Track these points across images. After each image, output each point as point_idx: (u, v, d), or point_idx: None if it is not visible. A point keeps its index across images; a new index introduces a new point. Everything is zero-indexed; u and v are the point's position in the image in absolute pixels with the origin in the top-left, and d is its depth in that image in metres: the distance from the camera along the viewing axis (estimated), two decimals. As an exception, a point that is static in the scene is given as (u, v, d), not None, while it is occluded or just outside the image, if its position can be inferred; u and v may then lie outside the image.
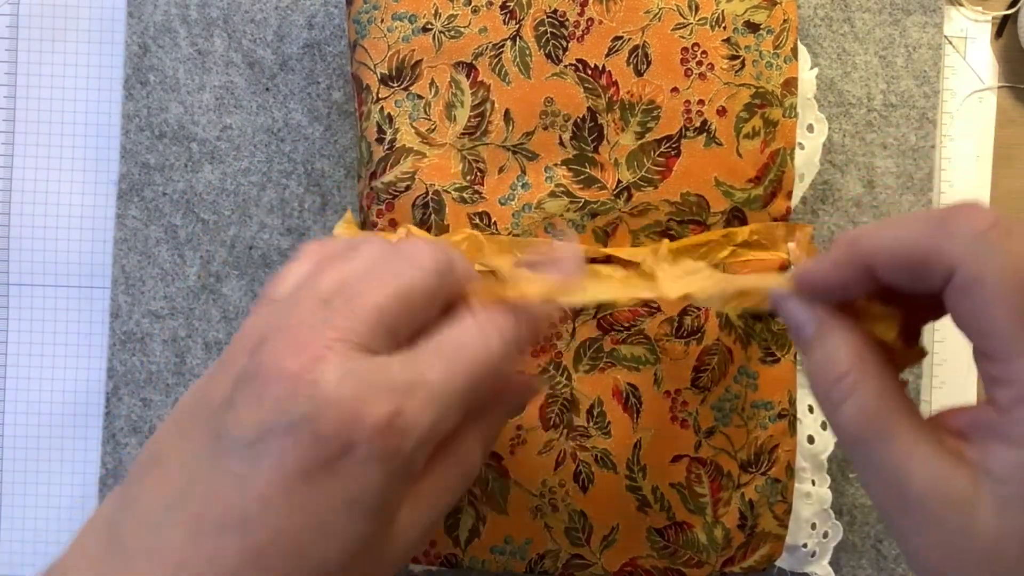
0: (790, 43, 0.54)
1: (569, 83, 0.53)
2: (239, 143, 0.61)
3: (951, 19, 0.62)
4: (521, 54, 0.53)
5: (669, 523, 0.55)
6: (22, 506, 0.63)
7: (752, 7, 0.54)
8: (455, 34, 0.53)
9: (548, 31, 0.53)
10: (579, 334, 0.55)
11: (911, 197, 0.62)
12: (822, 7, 0.61)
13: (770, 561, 0.57)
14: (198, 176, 0.61)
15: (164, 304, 0.61)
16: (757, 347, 0.56)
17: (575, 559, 0.55)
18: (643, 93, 0.53)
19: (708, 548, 0.55)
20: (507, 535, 0.55)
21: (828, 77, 0.61)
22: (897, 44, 0.62)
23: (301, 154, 0.61)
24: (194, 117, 0.61)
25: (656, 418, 0.55)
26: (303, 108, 0.61)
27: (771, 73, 0.54)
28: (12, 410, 0.63)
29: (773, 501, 0.56)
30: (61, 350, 0.63)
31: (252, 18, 0.61)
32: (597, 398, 0.55)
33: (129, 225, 0.61)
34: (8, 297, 0.63)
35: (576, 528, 0.55)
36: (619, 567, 0.55)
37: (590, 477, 0.55)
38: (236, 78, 0.61)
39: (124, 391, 0.62)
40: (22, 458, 0.63)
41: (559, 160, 0.54)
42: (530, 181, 0.54)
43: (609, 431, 0.55)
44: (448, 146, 0.53)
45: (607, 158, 0.54)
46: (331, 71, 0.61)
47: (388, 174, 0.53)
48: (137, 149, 0.61)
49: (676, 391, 0.54)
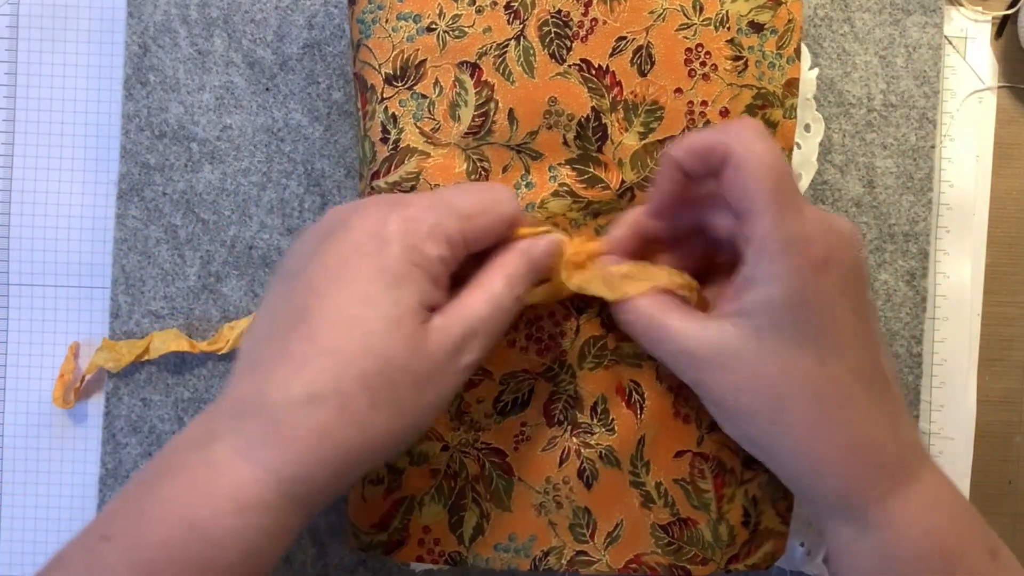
0: (793, 44, 0.55)
1: (573, 83, 0.53)
2: (239, 143, 0.61)
3: (951, 19, 0.63)
4: (525, 54, 0.53)
5: (673, 519, 0.55)
6: (22, 506, 0.62)
7: (757, 7, 0.54)
8: (459, 34, 0.53)
9: (552, 31, 0.53)
10: (583, 331, 0.55)
11: (911, 197, 0.62)
12: (822, 7, 0.62)
13: (773, 559, 0.57)
14: (198, 176, 0.61)
15: (164, 304, 0.61)
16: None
17: (579, 556, 0.55)
18: (647, 93, 0.53)
19: (713, 545, 0.55)
20: (511, 532, 0.55)
21: (828, 77, 0.62)
22: (897, 44, 0.62)
23: (301, 154, 0.61)
24: (194, 117, 0.61)
25: (659, 414, 0.55)
26: (303, 108, 0.61)
27: (773, 74, 0.55)
28: (12, 410, 0.63)
29: (776, 498, 0.56)
30: (61, 350, 0.63)
31: (252, 18, 0.61)
32: (601, 395, 0.55)
33: (129, 225, 0.61)
34: (8, 297, 0.62)
35: (580, 525, 0.55)
36: (624, 564, 0.55)
37: (594, 473, 0.55)
38: (236, 78, 0.61)
39: (124, 391, 0.61)
40: (22, 458, 0.63)
41: (563, 160, 0.54)
42: (534, 180, 0.54)
43: (613, 427, 0.55)
44: (452, 146, 0.53)
45: (611, 158, 0.54)
46: (331, 71, 0.61)
47: (393, 174, 0.53)
48: (137, 149, 0.61)
49: (679, 386, 0.55)
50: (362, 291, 0.44)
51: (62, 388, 0.61)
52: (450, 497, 0.55)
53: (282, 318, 0.46)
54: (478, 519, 0.56)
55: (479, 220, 0.47)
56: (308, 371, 0.43)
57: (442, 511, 0.56)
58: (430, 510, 0.55)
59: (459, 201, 0.47)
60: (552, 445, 0.55)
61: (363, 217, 0.46)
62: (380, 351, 0.43)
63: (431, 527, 0.56)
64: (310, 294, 0.45)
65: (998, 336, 0.64)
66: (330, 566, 0.62)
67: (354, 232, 0.46)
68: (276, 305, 0.47)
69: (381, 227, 0.45)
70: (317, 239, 0.47)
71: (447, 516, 0.56)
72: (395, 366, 0.44)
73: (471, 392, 0.55)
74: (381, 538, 0.56)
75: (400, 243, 0.45)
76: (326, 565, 0.62)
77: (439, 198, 0.47)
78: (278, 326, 0.46)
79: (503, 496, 0.55)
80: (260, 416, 0.43)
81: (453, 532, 0.56)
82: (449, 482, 0.55)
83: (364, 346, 0.43)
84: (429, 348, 0.45)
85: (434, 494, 0.56)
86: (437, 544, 0.56)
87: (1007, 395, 0.64)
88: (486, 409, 0.55)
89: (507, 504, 0.55)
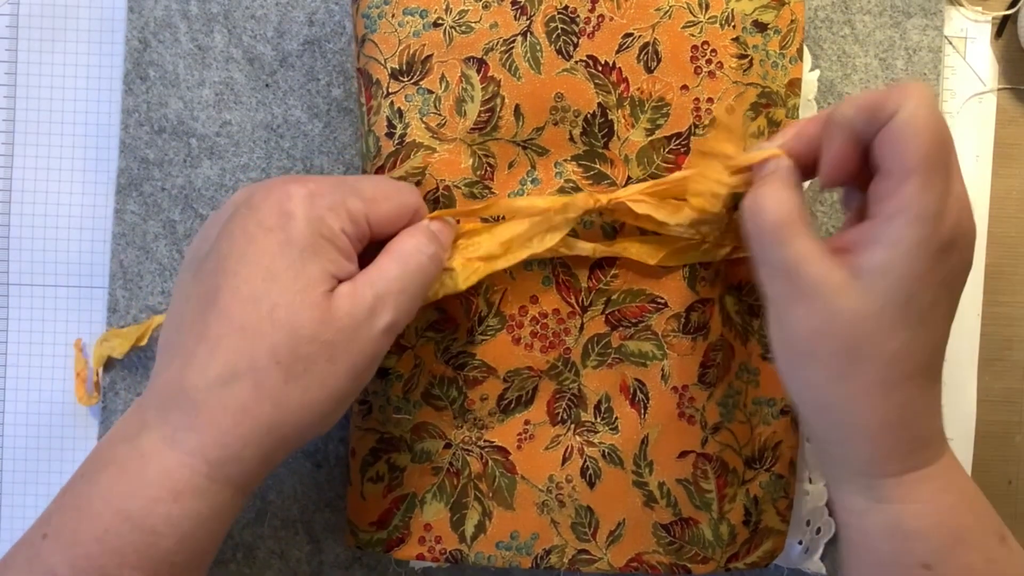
0: (796, 43, 0.55)
1: (579, 79, 0.53)
2: (238, 139, 0.61)
3: (951, 19, 0.63)
4: (532, 50, 0.53)
5: (675, 519, 0.55)
6: (22, 506, 0.62)
7: (761, 6, 0.54)
8: (466, 29, 0.53)
9: (559, 27, 0.53)
10: (587, 330, 0.55)
11: (912, 196, 0.62)
12: (823, 9, 0.62)
13: (772, 557, 0.57)
14: (197, 171, 0.61)
15: (162, 299, 0.61)
16: (757, 343, 0.57)
17: (581, 554, 0.55)
18: (653, 90, 0.54)
19: (714, 544, 0.55)
20: (513, 530, 0.55)
21: (828, 79, 0.62)
22: (897, 47, 0.62)
23: (300, 150, 0.61)
24: (193, 113, 0.61)
25: (663, 414, 0.55)
26: (303, 104, 0.61)
27: (776, 73, 0.55)
28: (12, 410, 0.62)
29: (776, 497, 0.56)
30: (61, 350, 0.62)
31: (252, 14, 0.61)
32: (604, 394, 0.55)
33: (128, 220, 0.61)
34: (8, 297, 0.62)
35: (582, 523, 0.55)
36: (625, 563, 0.55)
37: (597, 472, 0.55)
38: (236, 74, 0.61)
39: (122, 387, 0.61)
40: (22, 458, 0.62)
41: (569, 155, 0.54)
42: (540, 176, 0.54)
43: (616, 426, 0.55)
44: (458, 141, 0.53)
45: (617, 154, 0.54)
46: (331, 68, 0.61)
47: (398, 168, 0.53)
48: (136, 144, 0.61)
49: (683, 387, 0.55)
50: (268, 265, 0.45)
51: (82, 386, 0.61)
52: (452, 495, 0.55)
53: (194, 302, 0.46)
54: (480, 517, 0.55)
55: (382, 204, 0.48)
56: (222, 351, 0.44)
57: (444, 509, 0.55)
58: (432, 508, 0.55)
59: (362, 185, 0.49)
60: (555, 443, 0.55)
61: (266, 194, 0.47)
62: (287, 324, 0.44)
63: (432, 525, 0.55)
64: (219, 274, 0.45)
65: (998, 336, 0.64)
66: (325, 563, 0.61)
67: (258, 209, 0.46)
68: (187, 291, 0.47)
69: (285, 202, 0.46)
70: (222, 221, 0.47)
71: (449, 514, 0.55)
72: (303, 337, 0.44)
73: (475, 389, 0.55)
74: (381, 536, 0.56)
75: (304, 216, 0.45)
76: (321, 563, 0.61)
77: (343, 180, 0.49)
78: (191, 310, 0.46)
79: (505, 494, 0.55)
80: (182, 402, 0.44)
81: (455, 530, 0.56)
82: (451, 480, 0.55)
83: (271, 320, 0.44)
84: (337, 315, 0.45)
85: (436, 492, 0.55)
86: (438, 542, 0.56)
87: (1007, 395, 0.65)
88: (490, 407, 0.55)
89: (509, 502, 0.55)
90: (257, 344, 0.44)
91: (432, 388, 0.55)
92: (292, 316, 0.44)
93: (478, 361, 0.55)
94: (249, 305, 0.44)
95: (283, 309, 0.44)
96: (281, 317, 0.44)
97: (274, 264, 0.45)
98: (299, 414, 0.45)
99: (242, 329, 0.44)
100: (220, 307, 0.45)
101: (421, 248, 0.48)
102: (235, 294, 0.45)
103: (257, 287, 0.44)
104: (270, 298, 0.44)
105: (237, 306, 0.44)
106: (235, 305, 0.44)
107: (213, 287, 0.45)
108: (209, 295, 0.45)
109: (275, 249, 0.45)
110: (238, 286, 0.45)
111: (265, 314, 0.44)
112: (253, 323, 0.44)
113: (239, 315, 0.44)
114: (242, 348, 0.44)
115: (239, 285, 0.45)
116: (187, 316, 0.46)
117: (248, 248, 0.45)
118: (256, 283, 0.44)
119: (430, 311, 0.54)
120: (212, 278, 0.46)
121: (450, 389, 0.55)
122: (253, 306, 0.44)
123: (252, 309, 0.44)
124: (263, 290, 0.44)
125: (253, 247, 0.45)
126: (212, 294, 0.45)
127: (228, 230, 0.46)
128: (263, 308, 0.44)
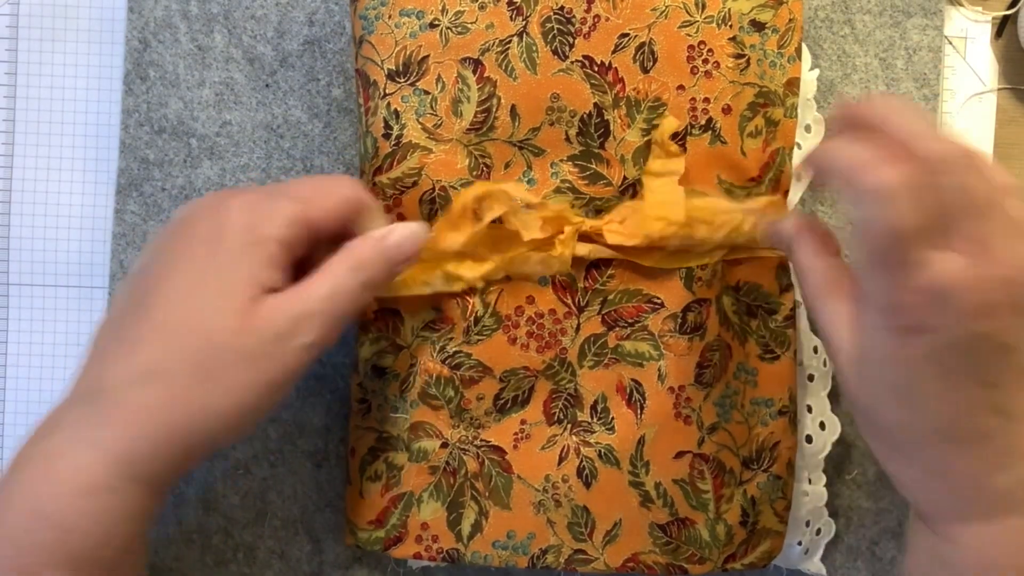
0: (794, 43, 0.55)
1: (575, 79, 0.53)
2: (238, 139, 0.61)
3: (951, 19, 0.63)
4: (528, 50, 0.53)
5: (672, 519, 0.55)
6: (21, 505, 0.62)
7: (758, 6, 0.54)
8: (462, 30, 0.53)
9: (555, 27, 0.53)
10: (583, 330, 0.55)
11: (911, 196, 0.62)
12: (823, 9, 0.62)
13: (770, 558, 0.57)
14: (197, 172, 0.61)
15: (163, 300, 0.61)
16: (755, 344, 0.56)
17: (577, 554, 0.55)
18: (649, 90, 0.54)
19: (710, 544, 0.55)
20: (510, 530, 0.55)
21: (828, 79, 0.62)
22: (897, 47, 0.62)
23: (300, 151, 0.61)
24: (194, 113, 0.61)
25: (660, 414, 0.55)
26: (303, 105, 0.61)
27: (774, 73, 0.55)
28: (12, 410, 0.62)
29: (774, 498, 0.56)
30: (61, 350, 0.62)
31: (252, 14, 0.61)
32: (601, 394, 0.55)
33: (128, 220, 0.61)
34: (8, 297, 0.62)
35: (579, 523, 0.55)
36: (621, 563, 0.55)
37: (593, 472, 0.55)
38: (236, 74, 0.61)
39: (122, 387, 0.61)
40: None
41: (565, 156, 0.54)
42: (536, 177, 0.54)
43: (613, 427, 0.55)
44: (454, 142, 0.53)
45: (613, 154, 0.54)
46: (331, 68, 0.61)
47: (395, 169, 0.53)
48: (136, 144, 0.61)
49: (680, 387, 0.55)
50: (196, 272, 0.46)
51: None
52: (449, 494, 0.55)
53: (126, 309, 0.48)
54: (476, 516, 0.55)
55: (319, 201, 0.48)
56: (140, 351, 0.45)
57: (440, 508, 0.56)
58: (428, 507, 0.55)
59: (297, 187, 0.49)
60: (552, 443, 0.55)
61: (203, 207, 0.48)
62: (203, 329, 0.45)
63: (429, 524, 0.55)
64: (151, 282, 0.47)
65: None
66: (325, 563, 0.61)
67: (194, 221, 0.48)
68: (122, 300, 0.49)
69: (218, 212, 0.47)
70: (163, 236, 0.49)
71: (445, 513, 0.56)
72: (217, 343, 0.45)
73: (471, 389, 0.55)
74: (379, 535, 0.56)
75: (236, 225, 0.46)
76: (321, 562, 0.61)
77: (278, 187, 0.50)
78: (120, 315, 0.48)
79: (502, 494, 0.55)
80: (98, 400, 0.45)
81: (451, 529, 0.56)
82: (448, 479, 0.55)
83: (188, 324, 0.45)
84: (257, 325, 0.45)
85: (433, 491, 0.55)
86: (435, 541, 0.56)
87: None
88: (486, 406, 0.55)
89: (506, 502, 0.55)
90: (172, 346, 0.45)
91: (428, 388, 0.55)
92: (209, 321, 0.45)
93: (474, 361, 0.55)
94: (172, 309, 0.46)
95: (201, 313, 0.45)
96: (199, 321, 0.45)
97: (203, 271, 0.46)
98: (207, 420, 0.45)
99: (163, 332, 0.45)
100: (145, 311, 0.46)
101: (357, 273, 0.48)
102: (163, 299, 0.46)
103: (182, 293, 0.46)
104: (192, 302, 0.45)
105: (161, 310, 0.46)
106: (159, 309, 0.46)
107: (143, 293, 0.47)
108: (138, 301, 0.47)
109: (204, 256, 0.46)
110: (167, 292, 0.46)
111: (185, 318, 0.45)
112: (172, 326, 0.45)
113: (161, 318, 0.45)
114: (158, 349, 0.45)
115: (168, 291, 0.46)
116: (116, 321, 0.48)
117: (180, 257, 0.47)
118: (182, 289, 0.46)
119: (427, 311, 0.54)
120: (144, 285, 0.47)
121: (446, 389, 0.55)
122: (175, 310, 0.45)
123: (173, 312, 0.45)
124: (187, 295, 0.46)
125: (185, 256, 0.47)
126: (141, 300, 0.47)
127: (165, 242, 0.48)
128: (184, 312, 0.45)
